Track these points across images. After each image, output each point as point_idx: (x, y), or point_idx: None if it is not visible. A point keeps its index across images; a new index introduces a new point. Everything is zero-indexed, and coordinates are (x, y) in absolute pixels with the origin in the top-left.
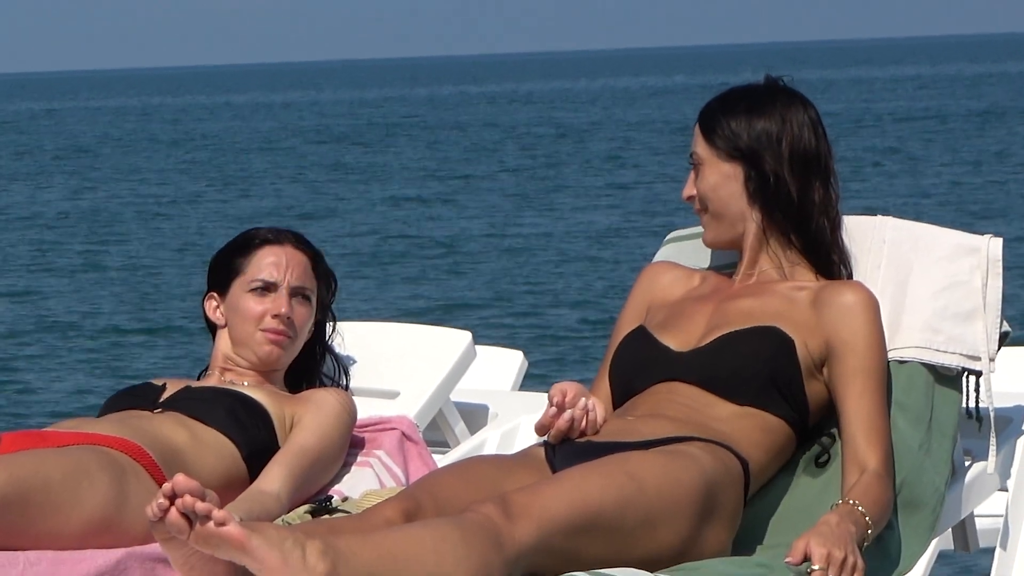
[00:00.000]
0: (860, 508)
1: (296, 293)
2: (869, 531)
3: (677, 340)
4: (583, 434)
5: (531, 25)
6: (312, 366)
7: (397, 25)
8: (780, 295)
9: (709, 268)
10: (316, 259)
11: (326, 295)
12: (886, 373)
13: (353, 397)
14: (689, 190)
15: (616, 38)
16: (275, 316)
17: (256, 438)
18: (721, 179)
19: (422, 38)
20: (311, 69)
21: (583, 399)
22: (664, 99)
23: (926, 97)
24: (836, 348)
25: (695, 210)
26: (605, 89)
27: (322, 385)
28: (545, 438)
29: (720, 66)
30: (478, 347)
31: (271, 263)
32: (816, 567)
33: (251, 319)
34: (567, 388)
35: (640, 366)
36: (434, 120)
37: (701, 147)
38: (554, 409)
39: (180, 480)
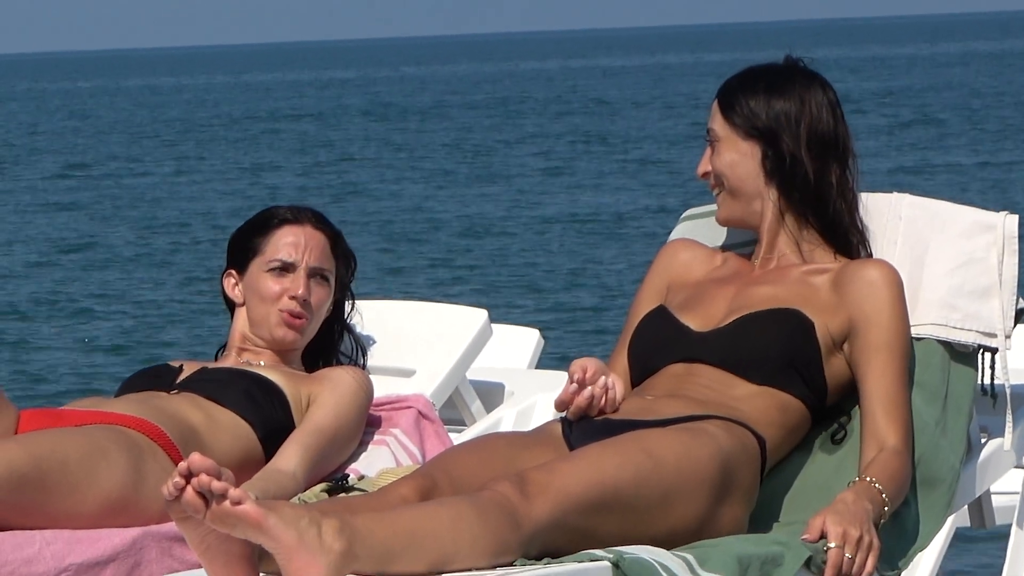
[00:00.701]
0: (877, 485)
1: (314, 274)
2: (886, 508)
3: (698, 321)
4: (602, 412)
5: (549, 3)
6: (329, 345)
7: (413, 4)
8: (801, 279)
9: (727, 247)
10: (335, 239)
11: (345, 274)
12: (909, 351)
13: (369, 375)
14: (704, 166)
15: (634, 17)
16: (292, 297)
17: (272, 418)
18: (738, 157)
19: (434, 16)
20: (326, 48)
21: (603, 377)
22: (680, 78)
23: (947, 75)
24: (859, 323)
25: (710, 186)
26: (623, 68)
27: (339, 364)
28: (563, 414)
29: (738, 44)
30: (495, 325)
31: (290, 243)
32: (832, 545)
33: (268, 299)
34: (587, 364)
35: (660, 345)
36: (454, 99)
37: (719, 124)
38: (575, 385)
39: (196, 459)
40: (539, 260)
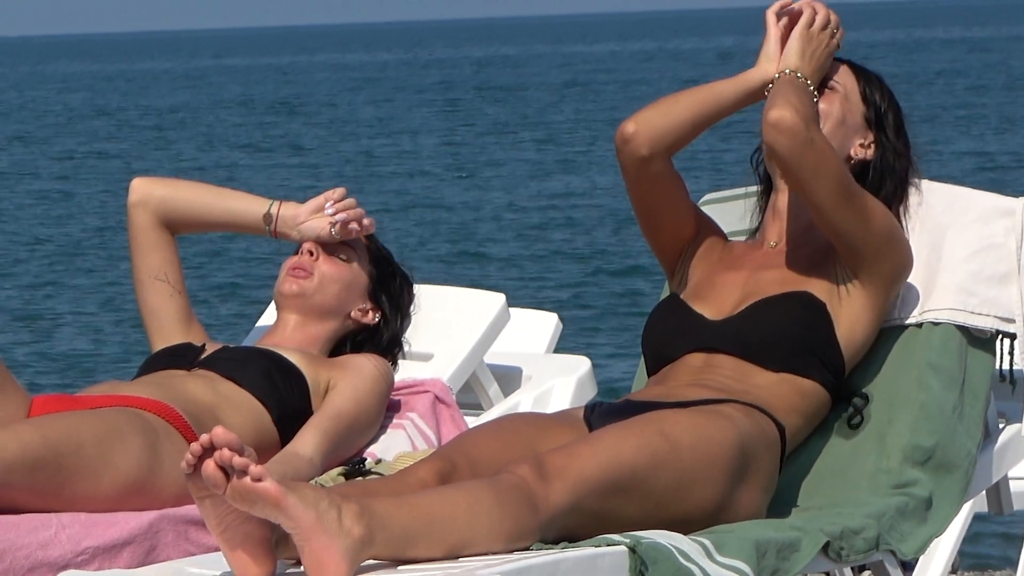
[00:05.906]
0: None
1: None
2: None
3: (711, 309)
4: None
5: None
6: (361, 346)
7: None
8: (808, 260)
9: (735, 237)
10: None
11: (390, 283)
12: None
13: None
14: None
15: (626, 2)
16: (298, 252)
17: (288, 401)
18: (850, 116)
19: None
20: (337, 32)
21: None
22: (684, 62)
23: (967, 59)
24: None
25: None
26: (625, 53)
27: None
28: (584, 405)
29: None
30: (513, 309)
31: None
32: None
33: (285, 267)
34: None
35: (674, 334)
36: (477, 81)
37: (847, 78)
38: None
39: (219, 432)
40: (560, 244)
